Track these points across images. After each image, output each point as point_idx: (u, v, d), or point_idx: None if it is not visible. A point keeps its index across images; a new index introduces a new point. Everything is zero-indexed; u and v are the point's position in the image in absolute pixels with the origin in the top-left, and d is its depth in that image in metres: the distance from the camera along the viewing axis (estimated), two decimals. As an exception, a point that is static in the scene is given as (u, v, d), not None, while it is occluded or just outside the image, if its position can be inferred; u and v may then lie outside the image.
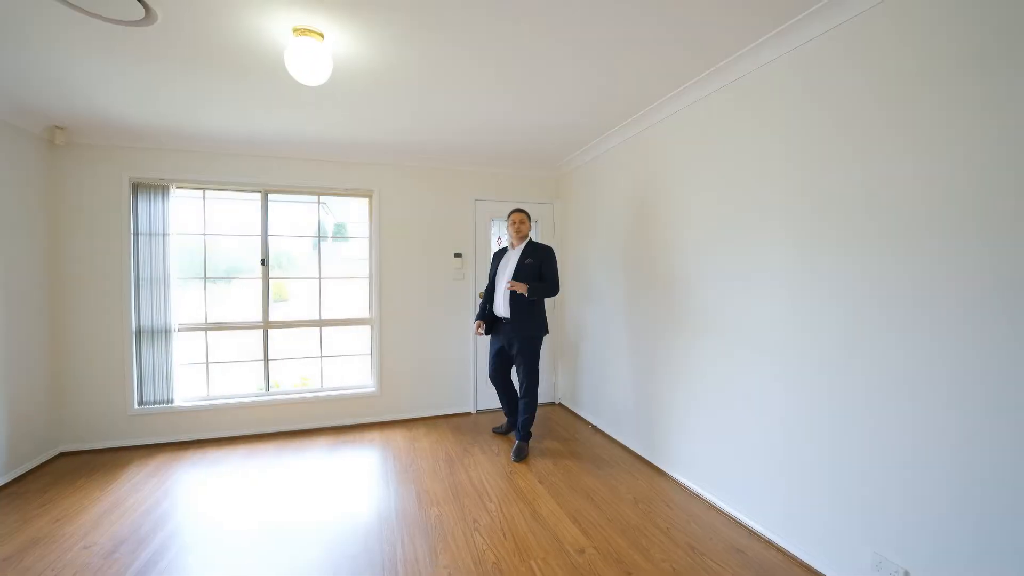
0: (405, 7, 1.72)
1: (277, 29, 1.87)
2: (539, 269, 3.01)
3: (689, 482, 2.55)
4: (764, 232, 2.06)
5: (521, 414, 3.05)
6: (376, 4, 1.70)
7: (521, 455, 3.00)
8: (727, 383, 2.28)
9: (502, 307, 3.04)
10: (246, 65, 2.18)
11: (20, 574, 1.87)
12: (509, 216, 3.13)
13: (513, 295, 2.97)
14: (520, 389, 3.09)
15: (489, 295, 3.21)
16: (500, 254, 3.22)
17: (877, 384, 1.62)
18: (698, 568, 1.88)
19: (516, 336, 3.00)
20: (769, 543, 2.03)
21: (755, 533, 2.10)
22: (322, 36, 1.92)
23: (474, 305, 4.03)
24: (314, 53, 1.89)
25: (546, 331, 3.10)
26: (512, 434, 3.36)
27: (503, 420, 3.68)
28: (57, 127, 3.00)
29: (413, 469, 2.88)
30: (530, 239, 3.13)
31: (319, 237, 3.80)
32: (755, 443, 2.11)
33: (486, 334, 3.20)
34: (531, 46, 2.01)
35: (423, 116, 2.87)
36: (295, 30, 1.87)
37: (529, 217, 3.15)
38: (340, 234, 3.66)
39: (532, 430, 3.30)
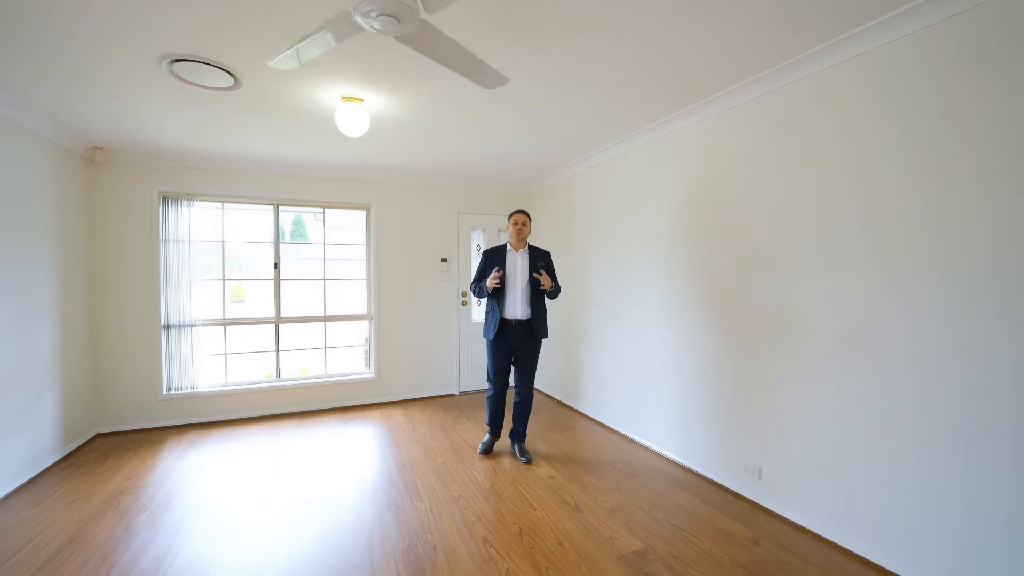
0: (421, 76, 2.32)
1: (329, 97, 2.52)
2: (548, 273, 3.00)
3: (630, 432, 3.39)
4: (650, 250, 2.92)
5: (523, 414, 3.06)
6: (400, 75, 2.30)
7: (528, 453, 3.03)
8: (655, 362, 3.12)
9: (520, 310, 2.95)
10: (304, 117, 2.82)
11: (125, 509, 2.41)
12: (511, 216, 3.00)
13: (534, 300, 2.97)
14: (524, 390, 3.04)
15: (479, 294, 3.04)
16: (494, 254, 3.03)
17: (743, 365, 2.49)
18: (633, 483, 2.69)
19: (531, 339, 2.98)
20: (680, 465, 2.88)
21: (671, 461, 2.96)
22: (362, 100, 2.58)
23: (458, 304, 4.73)
24: (356, 114, 2.54)
25: None
26: (514, 448, 3.11)
27: (483, 404, 4.38)
28: (97, 148, 3.43)
29: (415, 435, 3.55)
30: (527, 242, 3.08)
31: (324, 244, 4.37)
32: (670, 401, 2.97)
33: (495, 338, 2.98)
34: (508, 109, 2.75)
35: (425, 149, 3.55)
36: (343, 97, 2.52)
37: (530, 219, 3.06)
38: (300, 236, 4.12)
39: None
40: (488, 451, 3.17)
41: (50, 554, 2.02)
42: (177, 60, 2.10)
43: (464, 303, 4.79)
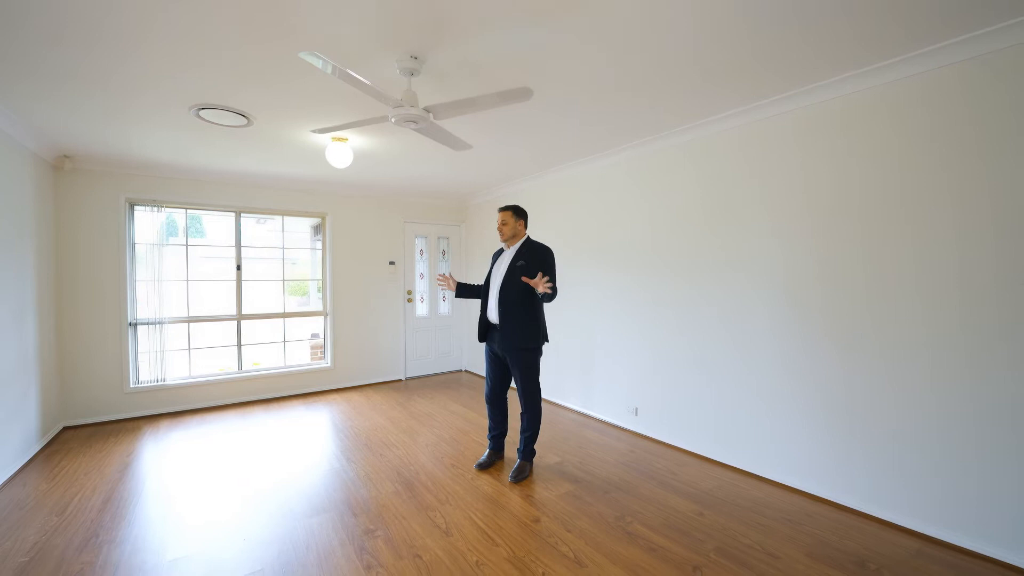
0: (386, 129, 3.18)
1: (322, 137, 3.19)
2: (532, 272, 2.68)
3: (553, 398, 4.44)
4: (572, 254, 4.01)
5: (524, 431, 2.84)
6: (373, 126, 3.13)
7: (522, 475, 2.77)
8: (590, 341, 4.20)
9: (493, 312, 2.80)
10: (294, 147, 3.42)
11: (146, 474, 2.87)
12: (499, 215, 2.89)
13: (503, 301, 2.73)
14: (521, 405, 2.81)
15: (470, 294, 3.05)
16: (497, 253, 2.98)
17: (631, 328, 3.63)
18: (554, 426, 3.71)
19: (508, 346, 2.75)
20: (589, 416, 3.98)
21: (581, 413, 4.04)
22: (347, 139, 3.28)
23: (404, 301, 5.45)
24: (343, 150, 3.23)
25: (545, 339, 2.82)
26: (505, 461, 3.01)
27: (434, 390, 5.17)
28: (66, 156, 3.65)
29: (377, 410, 4.26)
30: (528, 238, 2.86)
31: (283, 248, 4.85)
32: (580, 368, 4.06)
33: (481, 340, 2.93)
34: (449, 149, 3.64)
35: (385, 171, 4.27)
36: (333, 138, 3.21)
37: (516, 215, 2.82)
38: (197, 233, 4.37)
39: (535, 447, 2.99)
40: (484, 466, 2.92)
41: (99, 504, 2.49)
42: (204, 108, 2.66)
43: (410, 300, 5.53)
